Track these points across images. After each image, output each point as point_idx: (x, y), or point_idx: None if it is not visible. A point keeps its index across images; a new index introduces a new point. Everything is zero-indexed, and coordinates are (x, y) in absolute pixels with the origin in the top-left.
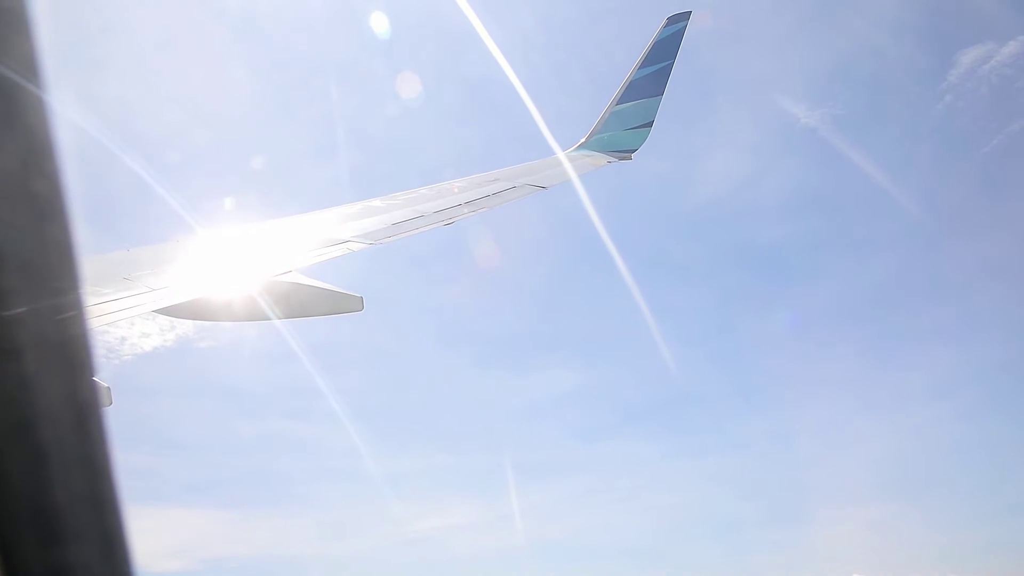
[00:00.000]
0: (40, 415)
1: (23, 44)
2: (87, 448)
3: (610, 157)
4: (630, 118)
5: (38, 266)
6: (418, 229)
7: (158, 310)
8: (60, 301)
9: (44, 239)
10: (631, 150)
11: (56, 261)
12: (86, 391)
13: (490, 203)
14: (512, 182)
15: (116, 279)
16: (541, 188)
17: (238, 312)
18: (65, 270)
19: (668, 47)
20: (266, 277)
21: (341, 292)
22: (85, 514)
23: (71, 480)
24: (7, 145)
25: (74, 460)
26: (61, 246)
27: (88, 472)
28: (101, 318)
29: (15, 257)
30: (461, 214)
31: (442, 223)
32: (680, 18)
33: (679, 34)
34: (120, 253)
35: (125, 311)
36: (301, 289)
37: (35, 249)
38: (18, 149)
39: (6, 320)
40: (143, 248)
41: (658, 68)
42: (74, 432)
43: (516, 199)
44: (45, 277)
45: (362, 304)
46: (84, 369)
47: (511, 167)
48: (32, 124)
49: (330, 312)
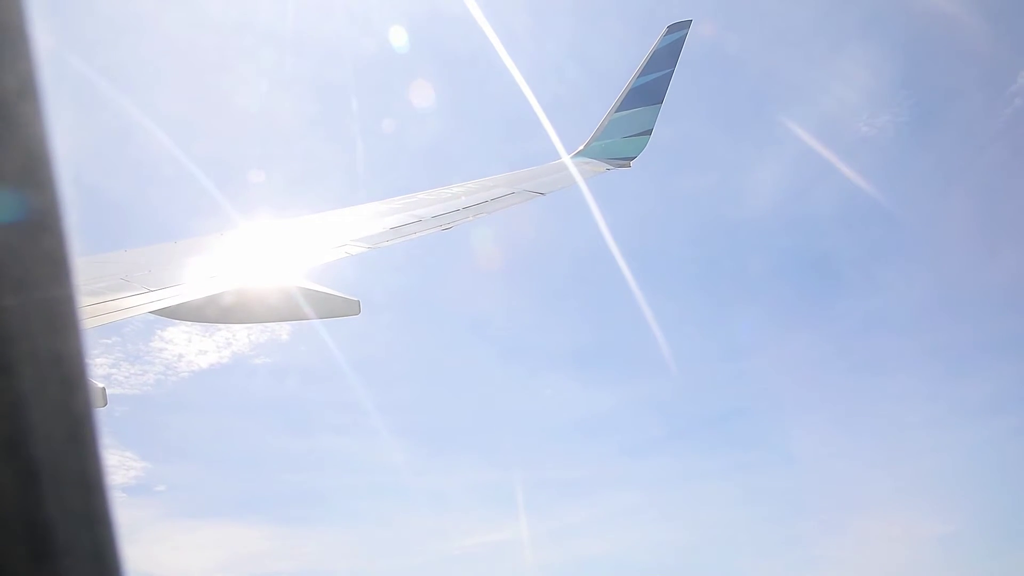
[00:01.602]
0: (33, 428)
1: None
2: (80, 461)
3: (608, 165)
4: (629, 126)
5: (33, 281)
6: (416, 234)
7: (156, 311)
8: (54, 312)
9: (40, 254)
10: (630, 158)
11: (51, 275)
12: (80, 403)
13: (489, 208)
14: (511, 188)
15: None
16: (540, 194)
17: (235, 315)
18: (59, 280)
19: (668, 55)
20: (264, 280)
21: (339, 296)
22: (77, 528)
23: (64, 494)
24: (3, 158)
25: (67, 473)
26: (57, 260)
27: (81, 486)
28: (98, 318)
29: (9, 274)
30: (459, 219)
31: (440, 228)
32: (680, 27)
33: (679, 43)
34: (118, 254)
35: (122, 312)
36: (298, 292)
37: (30, 264)
38: (14, 162)
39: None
40: (141, 249)
41: (658, 76)
42: (67, 445)
43: (515, 205)
44: (38, 288)
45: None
46: (78, 380)
47: (510, 173)
48: (28, 134)
49: (328, 316)
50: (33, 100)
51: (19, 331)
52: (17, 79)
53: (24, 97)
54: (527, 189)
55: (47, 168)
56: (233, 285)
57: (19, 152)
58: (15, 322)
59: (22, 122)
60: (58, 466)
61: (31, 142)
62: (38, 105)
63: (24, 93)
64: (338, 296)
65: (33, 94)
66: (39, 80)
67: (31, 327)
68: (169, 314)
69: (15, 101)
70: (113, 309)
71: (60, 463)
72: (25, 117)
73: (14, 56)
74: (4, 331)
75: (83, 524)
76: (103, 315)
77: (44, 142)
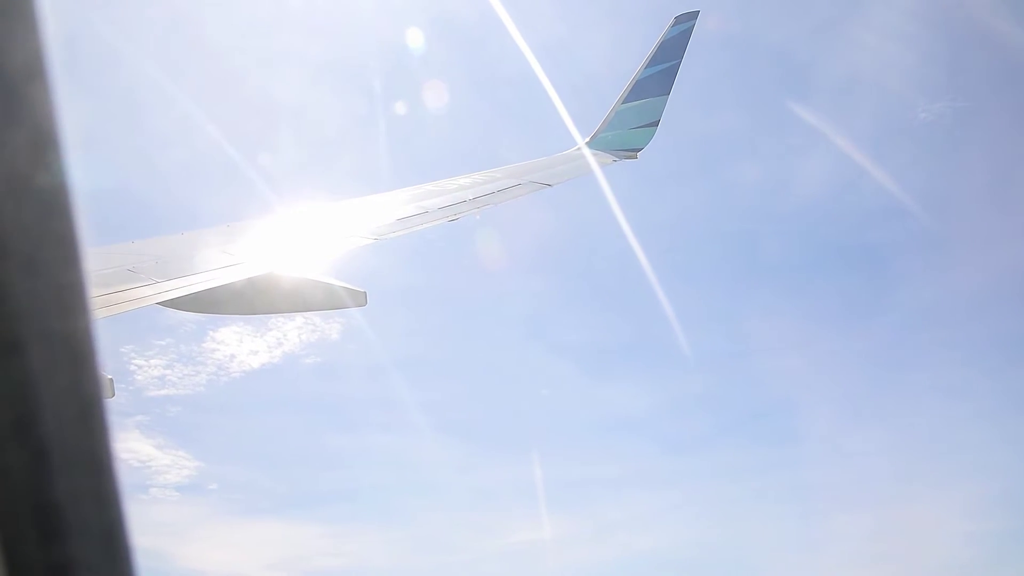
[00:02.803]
0: (42, 410)
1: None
2: (90, 443)
3: (615, 156)
4: (636, 117)
5: (41, 259)
6: (423, 225)
7: (163, 303)
8: (63, 294)
9: (48, 234)
10: (637, 149)
11: (59, 254)
12: (89, 385)
13: (495, 200)
14: (518, 179)
15: (121, 271)
16: (547, 186)
17: (242, 306)
18: (69, 263)
19: (675, 46)
20: (270, 271)
21: (345, 287)
22: (87, 509)
23: (73, 475)
24: (10, 137)
25: (76, 455)
26: (65, 239)
27: (90, 467)
28: (105, 310)
29: (18, 250)
30: (465, 211)
31: (447, 219)
32: (688, 18)
33: (686, 34)
34: (125, 245)
35: (129, 303)
36: (304, 283)
37: (38, 242)
38: (22, 141)
39: (8, 313)
40: (148, 241)
41: (665, 67)
42: (77, 426)
43: (521, 196)
44: (48, 270)
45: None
46: (87, 363)
47: (517, 164)
48: (36, 115)
49: (334, 307)
50: (42, 81)
51: (28, 310)
52: (25, 59)
53: (32, 78)
54: (533, 180)
55: (55, 150)
56: (238, 277)
57: (26, 134)
58: (25, 301)
59: (29, 103)
60: (67, 447)
61: (40, 124)
62: (46, 86)
63: (32, 74)
64: (344, 287)
65: (42, 74)
66: (48, 60)
67: (40, 307)
68: (175, 305)
69: (23, 82)
70: (119, 300)
71: (69, 444)
72: (33, 98)
73: (23, 36)
74: (13, 310)
75: (93, 505)
76: (109, 306)
77: (53, 123)
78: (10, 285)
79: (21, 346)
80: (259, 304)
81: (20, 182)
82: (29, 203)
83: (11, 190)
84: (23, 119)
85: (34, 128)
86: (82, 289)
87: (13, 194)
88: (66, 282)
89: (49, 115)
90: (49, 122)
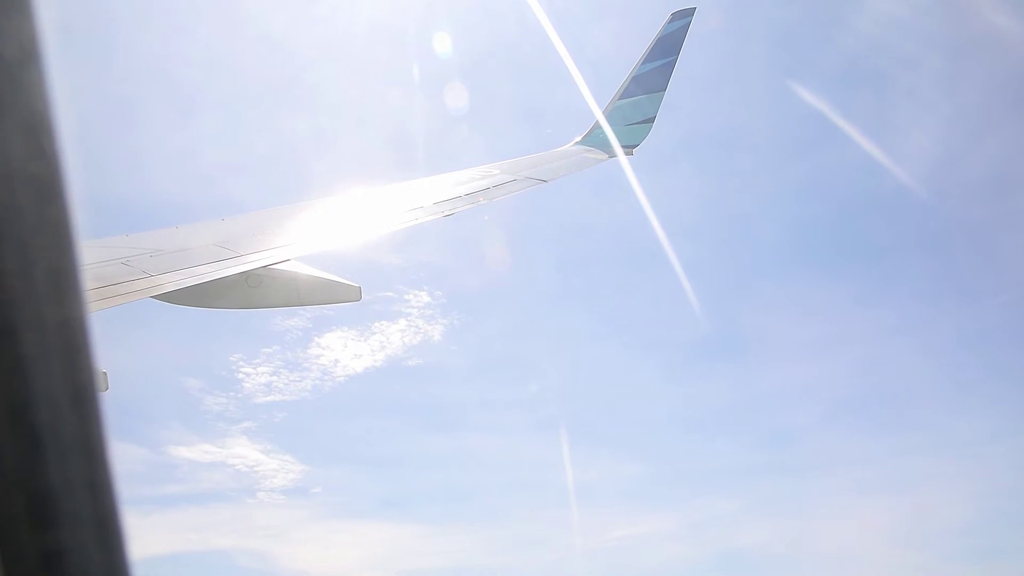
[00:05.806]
0: (36, 397)
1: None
2: (83, 431)
3: (610, 152)
4: (632, 113)
5: (36, 247)
6: (417, 220)
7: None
8: (57, 281)
9: (42, 220)
10: (633, 145)
11: (54, 242)
12: (83, 374)
13: (490, 195)
14: (513, 175)
15: (115, 264)
16: (542, 181)
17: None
18: (63, 252)
19: (672, 43)
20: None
21: (339, 281)
22: (80, 498)
23: (66, 463)
24: (4, 123)
25: (69, 443)
26: (59, 227)
27: (84, 455)
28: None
29: (11, 236)
30: (461, 206)
31: (442, 215)
32: (684, 14)
33: (683, 30)
34: (119, 238)
35: (123, 296)
36: (299, 277)
37: (33, 230)
38: (17, 129)
39: (2, 301)
40: (141, 234)
41: (662, 64)
42: (70, 415)
43: (516, 192)
44: (43, 258)
45: (360, 294)
46: (81, 351)
47: (513, 159)
48: (31, 103)
49: (328, 301)
50: (35, 66)
51: (21, 296)
52: (20, 44)
53: (26, 63)
54: (529, 176)
55: (49, 136)
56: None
57: (21, 120)
58: (17, 286)
59: (24, 89)
60: (60, 433)
61: (33, 109)
62: (40, 71)
63: (26, 59)
64: (339, 282)
65: (35, 60)
66: (41, 45)
67: (34, 292)
68: (169, 299)
69: (16, 67)
70: (113, 294)
71: (62, 430)
72: (27, 84)
73: (17, 20)
74: (6, 295)
75: (85, 492)
76: (103, 300)
77: (46, 110)
78: (3, 272)
79: (13, 329)
80: (252, 299)
81: (14, 168)
82: (23, 190)
83: (5, 176)
84: (17, 104)
85: (28, 114)
86: (76, 277)
87: (7, 180)
88: (60, 269)
89: (43, 100)
90: (43, 108)
